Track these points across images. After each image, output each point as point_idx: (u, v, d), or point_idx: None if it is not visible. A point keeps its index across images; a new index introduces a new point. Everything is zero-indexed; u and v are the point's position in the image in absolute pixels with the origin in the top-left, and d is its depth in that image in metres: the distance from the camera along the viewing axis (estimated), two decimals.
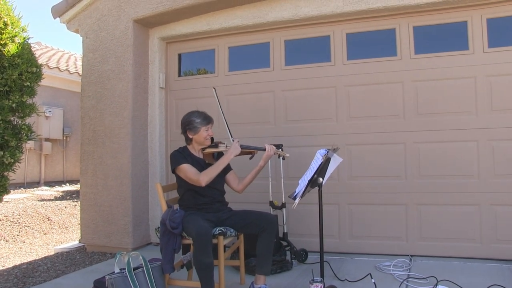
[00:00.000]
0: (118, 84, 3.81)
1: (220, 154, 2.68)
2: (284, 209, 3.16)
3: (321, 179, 2.40)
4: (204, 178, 2.43)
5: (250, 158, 2.69)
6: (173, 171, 2.58)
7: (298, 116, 3.60)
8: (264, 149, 2.60)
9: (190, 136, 2.62)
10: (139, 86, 3.88)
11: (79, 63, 10.12)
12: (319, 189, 2.43)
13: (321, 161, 2.34)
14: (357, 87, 3.44)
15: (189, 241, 2.41)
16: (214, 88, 2.97)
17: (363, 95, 3.42)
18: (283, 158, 2.84)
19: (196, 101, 3.82)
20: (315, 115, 3.55)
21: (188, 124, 2.60)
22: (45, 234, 4.93)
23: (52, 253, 3.98)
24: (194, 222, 2.34)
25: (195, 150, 2.67)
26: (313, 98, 3.56)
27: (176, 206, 2.69)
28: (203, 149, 2.65)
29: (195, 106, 2.91)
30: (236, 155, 2.57)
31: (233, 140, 2.63)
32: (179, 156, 2.57)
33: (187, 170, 2.49)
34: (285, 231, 3.15)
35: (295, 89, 3.62)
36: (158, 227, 2.52)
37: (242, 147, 2.59)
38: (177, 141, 3.75)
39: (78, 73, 8.92)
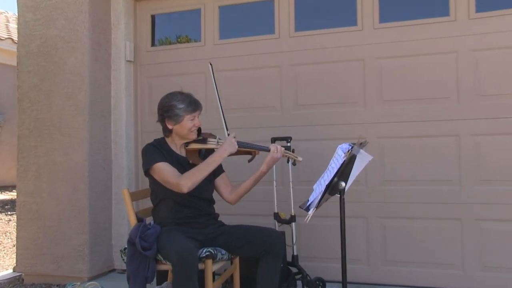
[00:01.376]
0: (70, 56, 3.85)
1: (209, 152, 2.69)
2: (293, 223, 3.23)
3: (343, 183, 2.45)
4: (186, 182, 2.46)
5: (249, 161, 2.72)
6: (146, 173, 2.63)
7: (313, 100, 3.65)
8: (269, 150, 2.64)
9: (170, 127, 2.64)
10: (98, 59, 3.92)
11: (13, 25, 10.14)
12: (340, 197, 2.48)
13: (343, 160, 2.39)
14: (392, 60, 3.48)
15: (166, 266, 2.47)
16: (210, 64, 2.96)
17: (401, 70, 3.46)
18: (294, 163, 2.85)
19: (175, 79, 3.87)
20: (335, 98, 3.60)
21: (167, 110, 2.61)
22: None
23: None
24: (173, 241, 2.38)
25: (175, 145, 2.72)
26: (332, 75, 3.61)
27: (150, 220, 2.75)
28: (187, 144, 2.68)
29: (174, 86, 2.94)
30: (231, 154, 2.60)
31: (228, 135, 2.66)
32: (154, 152, 2.60)
33: (164, 171, 2.52)
34: (295, 253, 3.22)
35: (308, 63, 3.67)
36: (125, 248, 2.58)
37: (240, 144, 2.62)
38: (151, 132, 3.80)
39: (12, 40, 8.95)
